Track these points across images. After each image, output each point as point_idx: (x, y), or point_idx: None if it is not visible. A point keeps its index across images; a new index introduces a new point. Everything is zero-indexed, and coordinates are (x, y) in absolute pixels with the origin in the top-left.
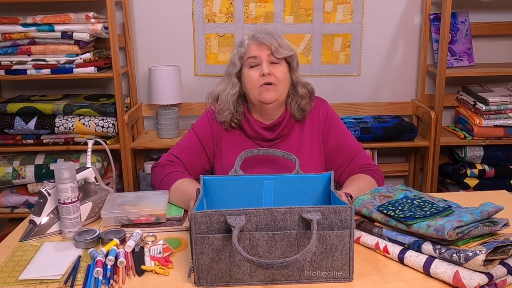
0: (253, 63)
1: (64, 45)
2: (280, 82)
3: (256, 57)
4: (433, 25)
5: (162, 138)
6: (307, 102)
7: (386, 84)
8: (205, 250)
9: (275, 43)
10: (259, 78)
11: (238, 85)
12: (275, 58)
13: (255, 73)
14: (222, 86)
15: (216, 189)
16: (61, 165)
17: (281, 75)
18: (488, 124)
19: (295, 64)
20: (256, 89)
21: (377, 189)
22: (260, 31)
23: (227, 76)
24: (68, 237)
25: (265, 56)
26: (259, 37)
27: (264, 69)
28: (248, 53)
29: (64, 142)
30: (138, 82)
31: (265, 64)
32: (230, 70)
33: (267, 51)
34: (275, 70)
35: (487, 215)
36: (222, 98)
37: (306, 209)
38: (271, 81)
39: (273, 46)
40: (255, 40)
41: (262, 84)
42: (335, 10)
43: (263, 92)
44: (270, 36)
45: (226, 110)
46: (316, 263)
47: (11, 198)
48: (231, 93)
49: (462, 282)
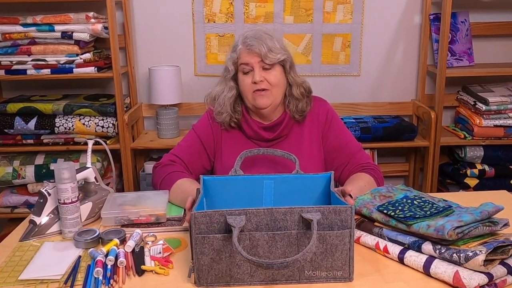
0: (245, 69)
1: (64, 45)
2: (274, 86)
3: (248, 63)
4: (433, 25)
5: (162, 138)
6: (305, 103)
7: (386, 84)
8: (205, 250)
9: (265, 48)
10: (251, 84)
11: (234, 88)
12: (267, 64)
13: (248, 79)
14: (219, 88)
15: (216, 189)
16: (61, 165)
17: (274, 79)
18: (488, 124)
19: (288, 67)
20: (250, 94)
21: (377, 189)
22: (251, 36)
23: (223, 79)
24: (68, 237)
25: (256, 63)
26: (249, 43)
27: (255, 76)
28: (240, 59)
29: (64, 142)
30: (138, 82)
31: (257, 71)
32: (226, 75)
33: (257, 58)
34: (268, 75)
35: (487, 215)
36: (219, 100)
37: (306, 209)
38: (264, 87)
39: (262, 53)
40: (245, 47)
41: (255, 90)
42: (335, 10)
43: (256, 98)
44: (260, 42)
45: (224, 112)
46: (316, 263)
47: (11, 198)
48: (228, 96)
49: (462, 282)
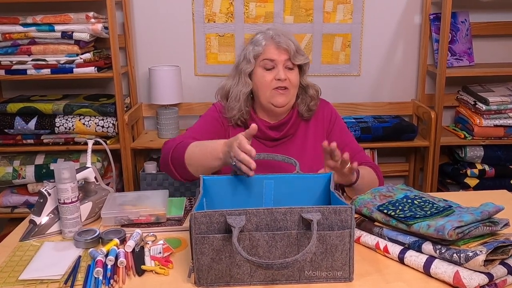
0: (268, 65)
1: (64, 45)
2: (293, 86)
3: (274, 60)
4: (433, 25)
5: (162, 138)
6: (315, 103)
7: (386, 84)
8: (205, 250)
9: (294, 47)
10: (273, 80)
11: (250, 85)
12: (291, 64)
13: (270, 75)
14: (231, 81)
15: (216, 189)
16: (61, 165)
17: (295, 79)
18: (488, 124)
19: (306, 69)
20: (268, 91)
21: (377, 188)
22: (277, 32)
23: (238, 73)
24: (68, 237)
25: (283, 60)
26: (278, 40)
27: (281, 74)
28: (264, 54)
29: (64, 142)
30: (138, 82)
31: (282, 69)
32: (244, 68)
33: (285, 55)
34: (290, 75)
35: (487, 215)
36: (233, 94)
37: (306, 209)
38: (286, 86)
39: (291, 50)
40: (273, 42)
41: (276, 88)
42: (335, 10)
43: (275, 96)
44: (288, 40)
45: (235, 108)
46: (316, 263)
47: (11, 198)
48: (244, 91)
49: (462, 282)
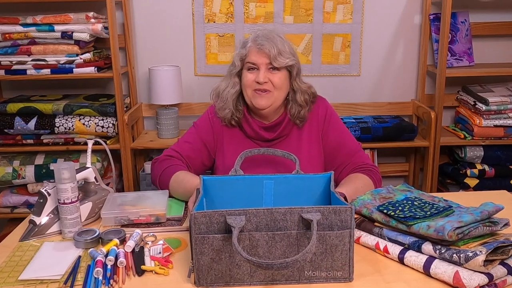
0: (251, 67)
1: (64, 45)
2: (276, 88)
3: (255, 63)
4: (433, 25)
5: (162, 138)
6: (307, 110)
7: (386, 84)
8: (205, 250)
9: (275, 50)
10: (253, 82)
11: (238, 85)
12: (276, 66)
13: (251, 76)
14: (224, 83)
15: (216, 189)
16: (61, 165)
17: (278, 81)
18: (488, 124)
19: (295, 73)
20: (250, 92)
21: (377, 190)
22: (263, 35)
23: (229, 74)
24: (68, 237)
25: (264, 64)
26: (260, 43)
27: (260, 77)
28: (248, 57)
29: (64, 142)
30: (138, 82)
31: (262, 72)
32: (231, 70)
33: (265, 59)
34: (273, 76)
35: (487, 215)
36: (222, 96)
37: (306, 209)
38: (266, 88)
39: (271, 54)
40: (255, 45)
41: (256, 89)
42: (335, 10)
43: (256, 97)
44: (271, 43)
45: (226, 108)
46: (316, 263)
47: (11, 198)
48: (231, 92)
49: (462, 282)
